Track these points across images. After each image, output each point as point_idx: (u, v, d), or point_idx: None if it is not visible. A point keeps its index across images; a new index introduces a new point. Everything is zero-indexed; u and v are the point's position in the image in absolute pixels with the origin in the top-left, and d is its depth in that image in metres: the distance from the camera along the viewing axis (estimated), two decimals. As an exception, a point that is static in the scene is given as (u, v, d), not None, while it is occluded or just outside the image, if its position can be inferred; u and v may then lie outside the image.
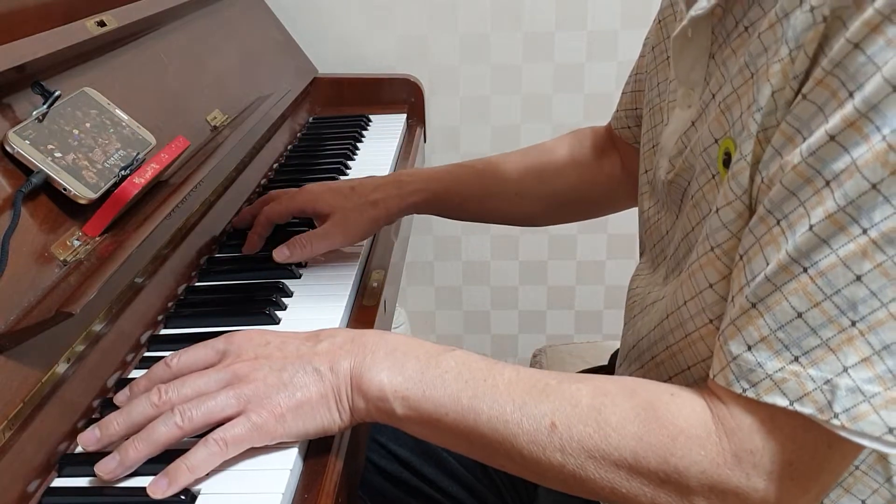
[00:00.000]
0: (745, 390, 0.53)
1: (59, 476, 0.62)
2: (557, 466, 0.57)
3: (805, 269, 0.51)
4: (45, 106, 0.76)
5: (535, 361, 1.39)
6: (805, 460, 0.53)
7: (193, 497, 0.58)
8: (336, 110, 1.54)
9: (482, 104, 1.69)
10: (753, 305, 0.53)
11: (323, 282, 0.90)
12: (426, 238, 1.79)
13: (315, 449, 0.65)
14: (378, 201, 0.95)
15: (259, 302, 0.83)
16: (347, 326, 0.83)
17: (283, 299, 0.85)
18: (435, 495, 0.96)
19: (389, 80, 1.58)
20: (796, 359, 0.51)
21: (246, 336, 0.66)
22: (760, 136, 0.56)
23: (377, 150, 1.35)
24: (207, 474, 0.60)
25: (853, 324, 0.50)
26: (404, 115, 1.51)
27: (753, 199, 0.56)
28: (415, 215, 1.05)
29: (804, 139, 0.52)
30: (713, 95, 0.64)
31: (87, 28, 0.86)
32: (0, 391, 0.59)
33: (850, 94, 0.49)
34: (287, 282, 0.87)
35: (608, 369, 0.98)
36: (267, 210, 0.97)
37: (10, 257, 0.64)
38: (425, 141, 1.57)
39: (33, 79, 0.77)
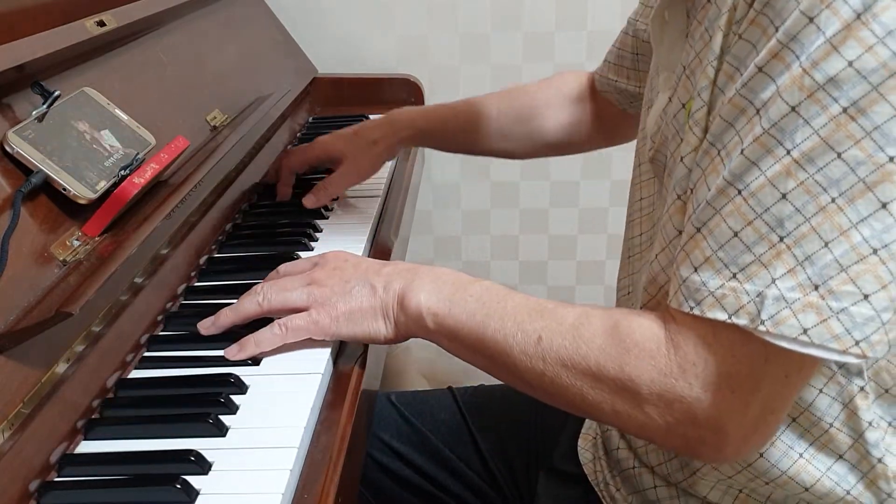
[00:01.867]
0: (691, 308, 0.57)
1: (58, 476, 0.62)
2: (539, 374, 0.65)
3: (739, 192, 0.55)
4: (44, 106, 0.76)
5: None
6: (743, 373, 0.57)
7: (194, 497, 0.58)
8: (336, 110, 1.53)
9: (482, 104, 1.69)
10: (698, 230, 0.58)
11: (323, 282, 0.89)
12: (426, 238, 1.79)
13: (315, 449, 0.65)
14: (378, 140, 1.11)
15: (259, 302, 0.83)
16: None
17: (283, 299, 0.84)
18: (436, 492, 0.97)
19: (389, 80, 1.58)
20: (734, 275, 0.56)
21: (335, 253, 0.79)
22: (713, 85, 0.60)
23: (377, 150, 1.34)
24: (208, 474, 0.60)
25: (781, 239, 0.54)
26: (404, 115, 1.50)
27: None
28: (414, 216, 1.13)
29: (740, 75, 0.57)
30: (684, 68, 0.67)
31: (87, 28, 0.86)
32: (0, 391, 0.59)
33: (776, 29, 0.54)
34: (287, 282, 0.87)
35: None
36: (286, 162, 1.13)
37: (10, 257, 0.64)
38: (425, 141, 1.57)
39: (33, 79, 0.77)
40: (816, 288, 0.53)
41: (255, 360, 0.74)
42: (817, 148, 0.52)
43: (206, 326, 0.76)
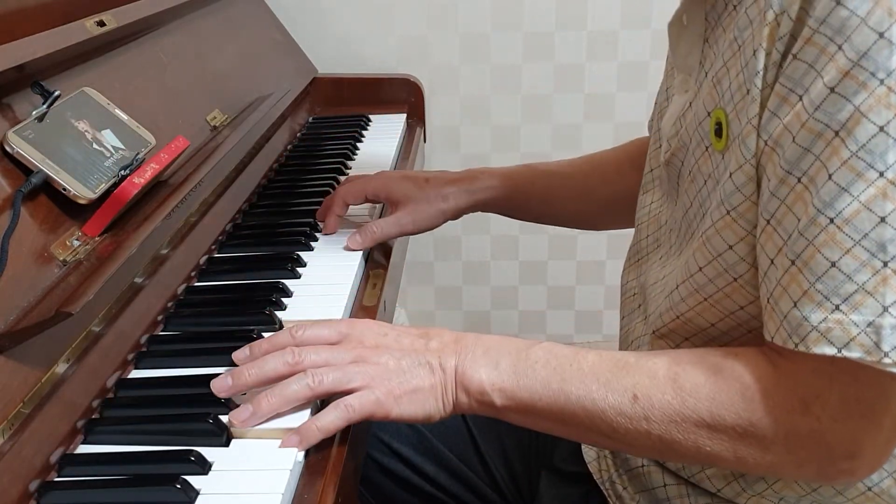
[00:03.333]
0: (796, 345, 0.55)
1: (58, 476, 0.62)
2: (644, 434, 0.61)
3: (832, 220, 0.53)
4: (44, 106, 0.76)
5: (536, 361, 1.39)
6: (872, 395, 0.55)
7: (194, 497, 0.58)
8: (336, 110, 1.53)
9: (482, 104, 1.69)
10: (793, 263, 0.56)
11: (323, 282, 0.90)
12: (426, 238, 1.79)
13: (315, 449, 0.65)
14: (449, 196, 0.99)
15: (259, 302, 0.83)
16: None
17: (283, 299, 0.84)
18: (436, 493, 0.97)
19: (389, 80, 1.58)
20: (837, 307, 0.53)
21: (366, 324, 0.72)
22: (756, 103, 0.58)
23: (377, 150, 1.35)
24: (208, 474, 0.61)
25: (885, 264, 0.52)
26: (404, 115, 1.51)
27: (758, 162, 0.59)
28: None
29: (799, 97, 0.55)
30: (706, 74, 0.67)
31: (87, 28, 0.86)
32: (0, 391, 0.59)
33: (840, 48, 0.52)
34: (287, 282, 0.87)
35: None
36: (342, 191, 1.01)
37: (10, 257, 0.64)
38: (425, 141, 1.57)
39: (33, 79, 0.77)
40: None
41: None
42: None
43: (242, 418, 0.65)
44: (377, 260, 0.98)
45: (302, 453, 0.63)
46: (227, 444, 0.64)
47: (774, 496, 0.69)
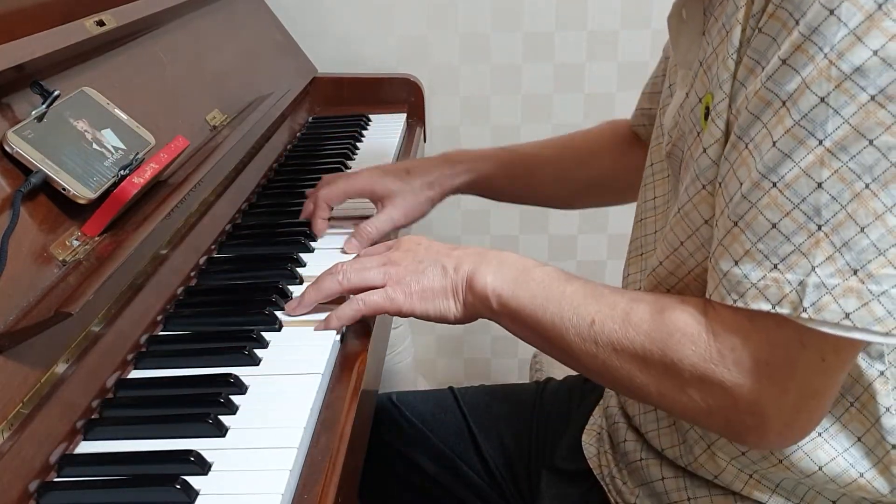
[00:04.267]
0: (735, 301, 0.59)
1: (58, 476, 0.62)
2: (592, 356, 0.67)
3: (774, 184, 0.57)
4: (44, 106, 0.76)
5: (536, 362, 1.39)
6: (779, 359, 0.59)
7: (194, 497, 0.58)
8: (336, 110, 1.53)
9: (482, 104, 1.69)
10: (735, 224, 0.59)
11: (323, 282, 0.89)
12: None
13: (315, 449, 0.65)
14: (434, 182, 1.02)
15: (258, 302, 0.83)
16: (346, 327, 0.83)
17: (283, 300, 0.84)
18: (436, 492, 0.97)
19: (389, 79, 1.58)
20: (775, 266, 0.57)
21: (409, 237, 0.83)
22: (734, 79, 0.62)
23: (377, 150, 1.34)
24: (207, 474, 0.61)
25: (819, 227, 0.55)
26: (404, 115, 1.50)
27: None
28: None
29: (762, 69, 0.58)
30: (700, 64, 0.68)
31: (87, 28, 0.86)
32: (0, 391, 0.59)
33: (797, 22, 0.55)
34: (286, 283, 0.87)
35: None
36: (324, 193, 1.01)
37: (10, 257, 0.64)
38: (425, 141, 1.57)
39: (32, 78, 0.77)
40: (855, 272, 0.55)
41: (254, 360, 0.74)
42: (849, 136, 0.54)
43: (293, 307, 0.81)
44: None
45: (302, 453, 0.63)
46: (227, 444, 0.64)
47: (770, 481, 0.70)
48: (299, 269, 0.91)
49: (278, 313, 0.82)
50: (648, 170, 0.84)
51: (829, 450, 0.66)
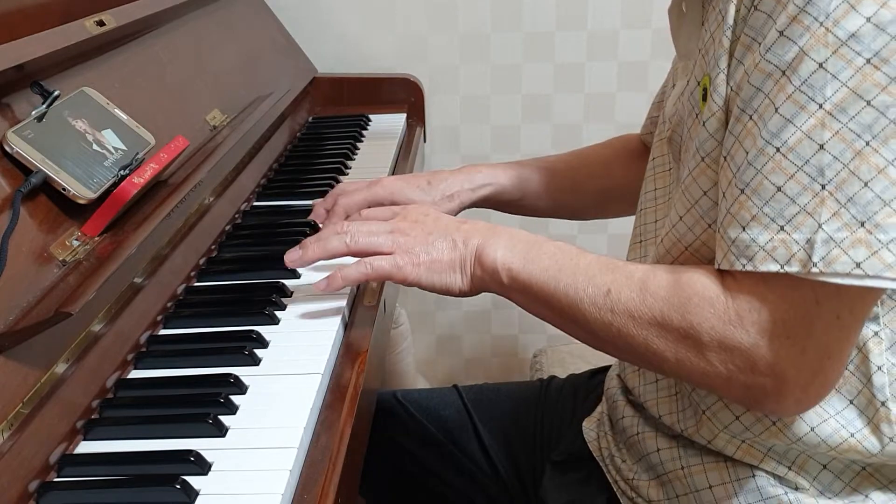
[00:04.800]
0: (744, 265, 0.60)
1: (58, 476, 0.62)
2: (607, 325, 0.67)
3: (778, 149, 0.59)
4: (44, 106, 0.76)
5: (536, 362, 1.39)
6: (796, 318, 0.59)
7: (194, 497, 0.58)
8: (336, 110, 1.53)
9: (482, 104, 1.69)
10: (742, 191, 0.61)
11: (323, 282, 0.89)
12: (426, 238, 1.78)
13: (315, 449, 0.65)
14: (454, 195, 1.02)
15: (258, 302, 0.83)
16: (346, 327, 0.83)
17: (283, 299, 0.84)
18: (440, 487, 0.97)
19: (389, 79, 1.58)
20: (782, 227, 0.59)
21: (416, 205, 0.85)
22: (730, 57, 0.64)
23: (377, 150, 1.35)
24: (207, 474, 0.61)
25: (823, 187, 0.57)
26: (404, 115, 1.51)
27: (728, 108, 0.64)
28: None
29: (759, 44, 0.60)
30: (699, 51, 0.70)
31: (87, 28, 0.86)
32: (0, 391, 0.59)
33: None
34: (286, 282, 0.87)
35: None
36: (343, 202, 1.00)
37: (10, 257, 0.64)
38: (425, 141, 1.57)
39: (32, 78, 0.77)
40: (863, 224, 0.56)
41: (254, 360, 0.74)
42: (847, 98, 0.56)
43: (292, 259, 0.81)
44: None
45: (302, 453, 0.63)
46: (227, 444, 0.64)
47: (762, 446, 0.70)
48: (299, 269, 0.91)
49: (278, 313, 0.82)
50: (650, 163, 0.85)
51: (821, 412, 0.67)
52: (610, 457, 0.83)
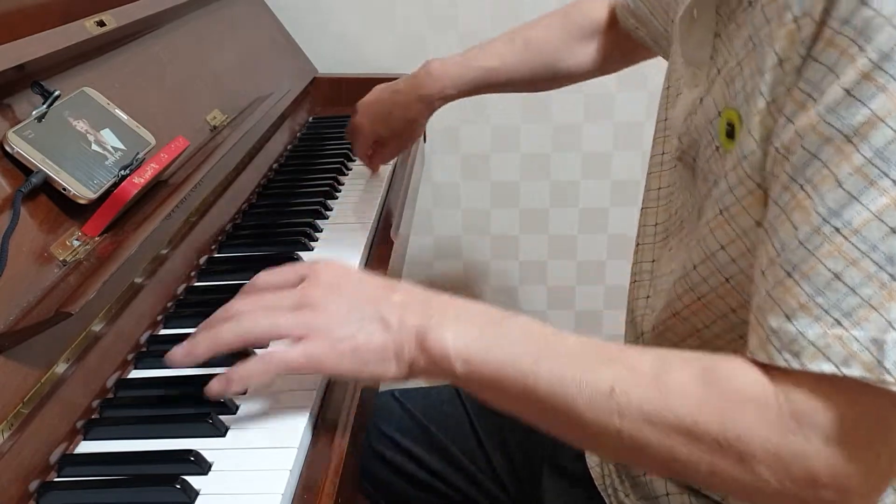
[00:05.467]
0: (787, 361, 0.51)
1: (58, 476, 0.62)
2: (614, 432, 0.55)
3: (838, 229, 0.49)
4: (44, 106, 0.76)
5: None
6: (869, 423, 0.50)
7: (194, 497, 0.58)
8: (336, 110, 1.53)
9: (482, 104, 1.69)
10: (788, 274, 0.52)
11: (323, 282, 0.89)
12: (426, 238, 1.79)
13: (315, 449, 0.65)
14: (431, 96, 1.17)
15: (259, 302, 0.83)
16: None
17: (283, 299, 0.84)
18: (438, 486, 0.97)
19: (389, 79, 1.58)
20: (838, 321, 0.49)
21: (328, 264, 0.65)
22: (772, 108, 0.55)
23: (377, 150, 1.34)
24: (207, 474, 0.60)
25: (893, 278, 0.48)
26: (404, 115, 1.50)
27: (765, 171, 0.56)
28: (414, 216, 1.09)
29: (815, 102, 0.51)
30: (718, 71, 0.65)
31: (87, 28, 0.86)
32: (0, 391, 0.59)
33: (861, 49, 0.49)
34: (287, 282, 0.87)
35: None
36: (360, 145, 1.16)
37: (10, 257, 0.64)
38: (425, 141, 1.57)
39: (33, 79, 0.77)
40: None
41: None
42: None
43: (176, 359, 0.63)
44: (377, 260, 0.98)
45: (302, 453, 0.63)
46: (227, 444, 0.64)
47: None
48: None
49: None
50: (657, 157, 0.81)
51: None
52: (612, 488, 0.81)
